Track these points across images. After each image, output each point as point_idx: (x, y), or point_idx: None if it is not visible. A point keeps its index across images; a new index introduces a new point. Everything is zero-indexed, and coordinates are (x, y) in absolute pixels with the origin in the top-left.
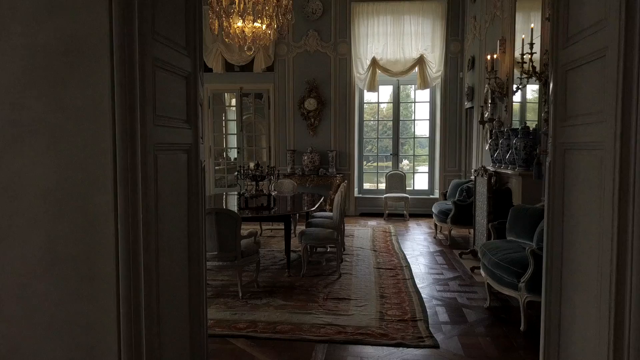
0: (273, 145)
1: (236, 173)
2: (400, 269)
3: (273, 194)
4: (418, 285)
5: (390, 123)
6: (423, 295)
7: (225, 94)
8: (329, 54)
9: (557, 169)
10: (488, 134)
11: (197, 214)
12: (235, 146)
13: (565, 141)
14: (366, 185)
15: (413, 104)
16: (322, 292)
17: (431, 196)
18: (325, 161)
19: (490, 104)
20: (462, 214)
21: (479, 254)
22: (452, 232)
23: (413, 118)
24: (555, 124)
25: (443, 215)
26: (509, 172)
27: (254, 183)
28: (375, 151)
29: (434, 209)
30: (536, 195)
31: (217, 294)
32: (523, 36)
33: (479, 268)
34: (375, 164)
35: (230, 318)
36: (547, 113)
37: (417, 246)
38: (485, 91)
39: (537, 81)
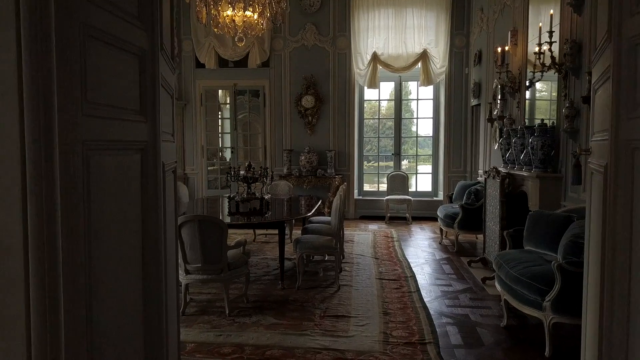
0: (269, 144)
1: (227, 175)
2: (404, 280)
3: (266, 197)
4: (425, 300)
5: (392, 121)
6: (431, 312)
7: (220, 90)
8: (328, 48)
9: (622, 173)
10: (497, 133)
11: (157, 227)
12: (230, 145)
13: (634, 138)
14: (366, 187)
15: (416, 101)
16: (319, 307)
17: (435, 198)
18: (323, 161)
19: (500, 100)
20: (470, 218)
21: (493, 265)
22: (459, 237)
23: (415, 116)
24: (617, 115)
25: (449, 219)
26: (524, 173)
27: (245, 186)
28: (376, 151)
29: (440, 213)
30: (555, 199)
31: (202, 310)
32: (540, 24)
33: (491, 279)
34: (375, 164)
35: (214, 340)
36: (569, 108)
37: (422, 253)
38: (494, 87)
39: (557, 74)
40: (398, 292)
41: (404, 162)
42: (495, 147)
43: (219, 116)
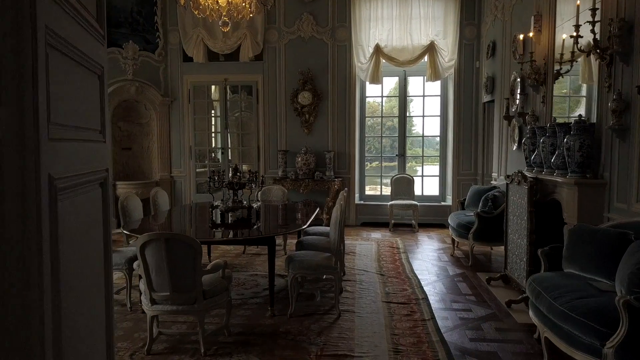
0: (262, 145)
1: (208, 179)
2: (415, 303)
3: (255, 205)
4: (442, 330)
5: (394, 120)
6: (451, 348)
7: (212, 86)
8: (326, 40)
9: None
10: (516, 131)
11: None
12: (220, 146)
13: None
14: (368, 190)
15: (422, 97)
16: (315, 343)
17: (442, 203)
18: (321, 163)
19: (520, 94)
20: (487, 228)
21: (527, 292)
22: (474, 248)
23: (422, 114)
24: None
25: (463, 229)
26: (558, 179)
27: (231, 193)
28: (378, 151)
29: (451, 221)
30: (597, 210)
31: (173, 347)
32: (578, 2)
33: (517, 302)
34: (377, 164)
35: None
36: (617, 101)
37: (433, 267)
38: (512, 80)
39: (599, 60)
40: (409, 320)
41: (409, 164)
42: (514, 148)
43: (211, 114)
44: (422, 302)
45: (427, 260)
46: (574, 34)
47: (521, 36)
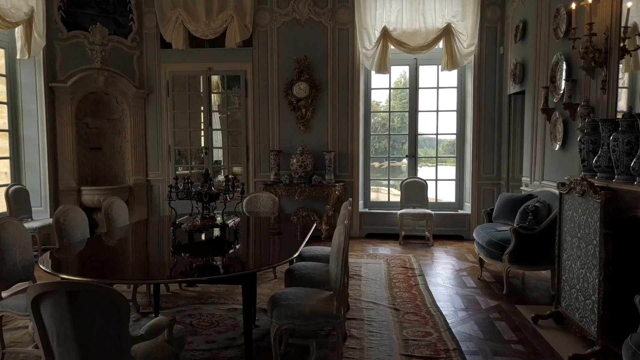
0: (252, 144)
1: (169, 188)
2: (445, 358)
3: (232, 222)
4: None
5: (402, 115)
6: None
7: (201, 77)
8: (326, 23)
9: None
10: (559, 127)
11: None
12: (204, 145)
13: None
14: (373, 196)
15: (435, 90)
16: None
17: (460, 211)
18: (320, 165)
19: (566, 81)
20: (528, 249)
21: (624, 357)
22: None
23: (436, 108)
24: None
25: (495, 248)
26: None
27: (200, 206)
28: (381, 152)
29: (478, 237)
30: None
31: None
32: None
33: (586, 358)
34: (379, 164)
35: None
36: None
37: (458, 297)
38: (553, 64)
39: None
40: None
41: (420, 166)
42: (556, 148)
43: (202, 109)
44: (454, 354)
45: (450, 287)
46: None
47: (573, 5)
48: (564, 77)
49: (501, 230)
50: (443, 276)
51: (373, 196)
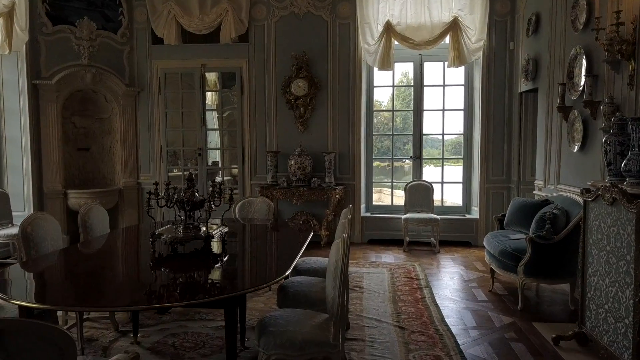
0: (248, 144)
1: (148, 195)
2: None
3: (217, 234)
4: None
5: (408, 115)
6: None
7: (195, 74)
8: (325, 17)
9: None
10: (578, 127)
11: None
12: (198, 146)
13: None
14: (375, 199)
15: (441, 87)
16: None
17: (467, 216)
18: (319, 167)
19: (587, 77)
20: (545, 260)
21: None
22: (524, 284)
23: (442, 107)
24: None
25: (509, 259)
26: None
27: (183, 215)
28: (387, 151)
29: (489, 246)
30: None
31: None
32: None
33: None
34: (379, 164)
35: None
36: None
37: (469, 313)
38: (570, 58)
39: None
40: None
41: (426, 168)
42: (575, 149)
43: (195, 108)
44: None
45: (459, 300)
46: None
47: None
48: (583, 73)
49: (515, 239)
50: (451, 288)
51: (375, 197)
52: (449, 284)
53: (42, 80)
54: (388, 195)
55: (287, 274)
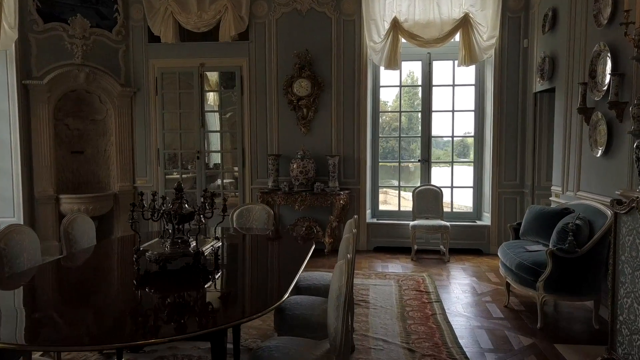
0: (248, 147)
1: (131, 207)
2: None
3: (208, 250)
4: None
5: (414, 115)
6: None
7: (193, 73)
8: (329, 13)
9: None
10: (601, 130)
11: None
12: (205, 149)
13: None
14: (382, 198)
15: (451, 87)
16: None
17: (478, 222)
18: (323, 171)
19: (612, 75)
20: (568, 275)
21: None
22: (544, 300)
23: (451, 108)
24: None
25: (527, 273)
26: None
27: (170, 228)
28: (392, 151)
29: (504, 258)
30: None
31: None
32: None
33: None
34: (391, 163)
35: None
36: None
37: (483, 333)
38: (593, 55)
39: None
40: None
41: (433, 169)
42: (598, 154)
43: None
44: None
45: (473, 317)
46: None
47: None
48: (608, 71)
49: (533, 251)
50: (463, 302)
51: (381, 198)
52: (461, 298)
53: (33, 81)
54: (394, 197)
55: (283, 300)
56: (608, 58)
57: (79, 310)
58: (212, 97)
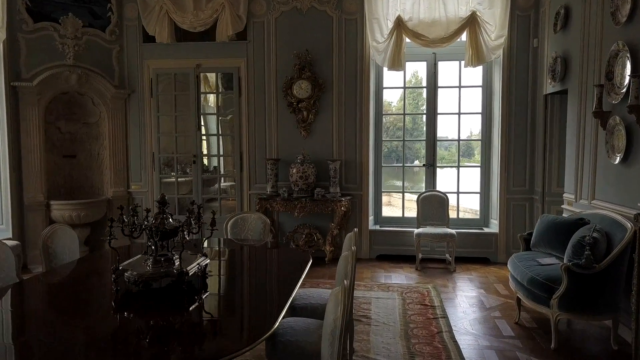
0: (246, 151)
1: (109, 222)
2: None
3: (194, 270)
4: None
5: (418, 118)
6: None
7: (190, 75)
8: (330, 12)
9: None
10: (619, 135)
11: None
12: (201, 153)
13: None
14: (385, 200)
15: (457, 89)
16: None
17: (485, 230)
18: (324, 176)
19: (633, 77)
20: (585, 292)
21: None
22: (558, 319)
23: (458, 111)
24: None
25: (540, 289)
26: None
27: (153, 246)
28: (394, 151)
29: (515, 271)
30: None
31: None
32: None
33: None
34: (396, 166)
35: None
36: None
37: (494, 354)
38: (610, 55)
39: None
40: None
41: (440, 174)
42: (616, 161)
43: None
44: None
45: (481, 335)
46: None
47: None
48: (627, 73)
49: (546, 265)
50: (471, 318)
51: (385, 200)
52: (468, 313)
53: (22, 82)
54: (397, 199)
55: (272, 329)
56: (627, 58)
57: (44, 340)
58: (212, 99)
